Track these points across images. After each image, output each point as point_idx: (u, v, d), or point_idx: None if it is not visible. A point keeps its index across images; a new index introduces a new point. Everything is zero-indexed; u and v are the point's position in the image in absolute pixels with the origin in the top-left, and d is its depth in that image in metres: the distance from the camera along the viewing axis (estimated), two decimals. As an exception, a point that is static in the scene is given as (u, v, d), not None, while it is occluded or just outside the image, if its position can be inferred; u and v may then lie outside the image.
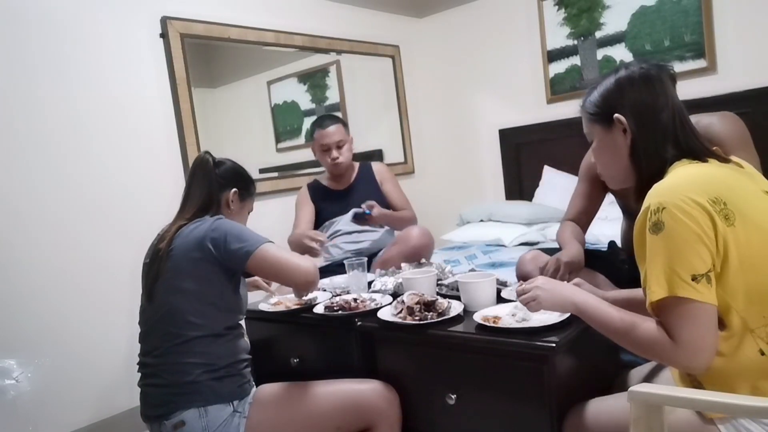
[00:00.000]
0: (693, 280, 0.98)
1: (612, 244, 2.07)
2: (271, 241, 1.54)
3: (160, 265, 1.50)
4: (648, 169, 1.15)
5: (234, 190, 1.66)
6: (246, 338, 1.64)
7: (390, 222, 2.60)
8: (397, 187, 2.74)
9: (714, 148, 1.16)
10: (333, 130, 2.53)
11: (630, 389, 0.98)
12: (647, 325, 1.05)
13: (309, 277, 1.55)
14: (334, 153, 2.54)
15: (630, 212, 1.94)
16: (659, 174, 1.12)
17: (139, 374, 1.55)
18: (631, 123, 1.15)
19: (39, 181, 2.26)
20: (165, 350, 1.46)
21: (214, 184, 1.64)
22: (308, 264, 1.55)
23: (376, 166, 2.76)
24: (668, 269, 1.00)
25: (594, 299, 1.19)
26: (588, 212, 1.94)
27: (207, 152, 1.69)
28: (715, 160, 1.12)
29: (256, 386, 1.58)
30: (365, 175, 2.71)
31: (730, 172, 1.12)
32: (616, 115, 1.16)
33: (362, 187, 2.64)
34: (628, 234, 1.96)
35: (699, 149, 1.13)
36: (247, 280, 1.79)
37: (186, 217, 1.59)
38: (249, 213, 1.78)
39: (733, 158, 1.17)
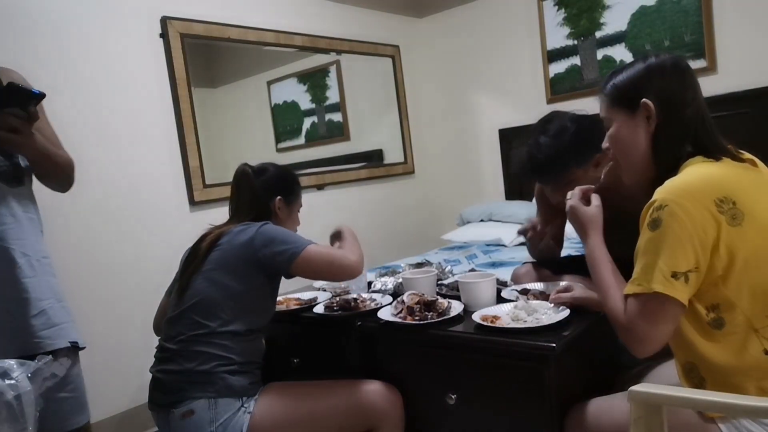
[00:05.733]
0: (672, 276, 1.01)
1: None
2: (314, 243, 1.55)
3: (202, 258, 1.55)
4: (664, 162, 1.14)
5: (279, 197, 1.68)
6: (263, 341, 1.65)
7: (46, 152, 1.43)
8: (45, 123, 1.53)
9: (729, 146, 1.15)
10: None
11: (630, 389, 0.98)
12: (618, 296, 1.11)
13: (356, 272, 1.58)
14: None
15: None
16: (673, 169, 1.11)
17: (155, 359, 1.56)
18: (657, 111, 1.13)
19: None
20: (188, 337, 1.48)
21: (260, 197, 1.66)
22: (355, 258, 1.58)
23: (4, 72, 1.48)
24: (653, 263, 1.03)
25: (601, 247, 1.24)
26: (555, 235, 1.89)
27: (246, 164, 1.71)
28: (729, 159, 1.12)
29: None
30: None
31: (742, 171, 1.11)
32: (644, 99, 1.13)
33: None
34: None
35: (715, 148, 1.12)
36: None
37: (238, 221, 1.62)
38: (299, 210, 1.79)
39: (748, 156, 1.17)
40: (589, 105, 1.60)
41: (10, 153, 1.37)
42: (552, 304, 1.44)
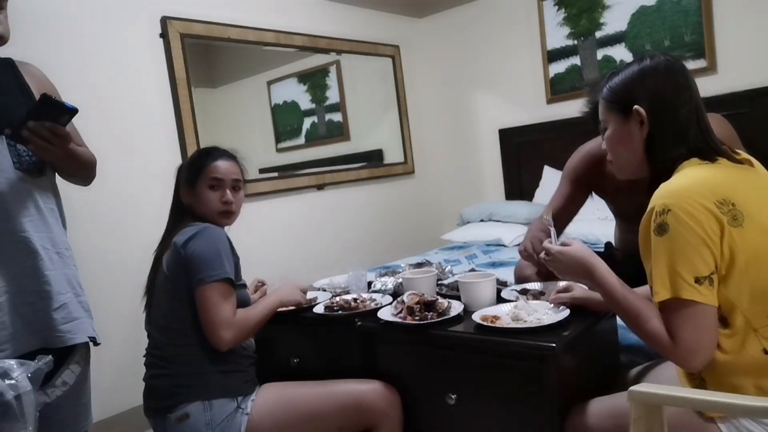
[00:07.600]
0: (696, 282, 1.00)
1: (608, 245, 2.06)
2: (230, 281, 1.46)
3: (155, 271, 1.57)
4: (658, 165, 1.14)
5: (181, 187, 1.69)
6: (251, 338, 1.64)
7: (74, 155, 1.43)
8: None
9: (724, 146, 1.15)
10: None
11: (630, 389, 0.98)
12: (652, 319, 1.07)
13: (221, 348, 1.44)
14: None
15: (622, 215, 1.93)
16: (668, 172, 1.11)
17: (145, 367, 1.56)
18: (649, 116, 1.13)
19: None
20: (174, 345, 1.49)
21: (174, 193, 1.71)
22: (231, 334, 1.44)
23: (24, 67, 1.61)
24: (672, 271, 1.01)
25: (611, 275, 1.19)
26: (568, 212, 1.89)
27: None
28: (725, 160, 1.11)
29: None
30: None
31: (739, 172, 1.11)
32: (636, 107, 1.14)
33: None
34: (622, 236, 1.95)
35: (711, 149, 1.12)
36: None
37: (172, 226, 1.66)
38: (212, 187, 1.64)
39: (744, 156, 1.17)
40: (589, 105, 1.59)
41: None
42: (552, 304, 1.44)
